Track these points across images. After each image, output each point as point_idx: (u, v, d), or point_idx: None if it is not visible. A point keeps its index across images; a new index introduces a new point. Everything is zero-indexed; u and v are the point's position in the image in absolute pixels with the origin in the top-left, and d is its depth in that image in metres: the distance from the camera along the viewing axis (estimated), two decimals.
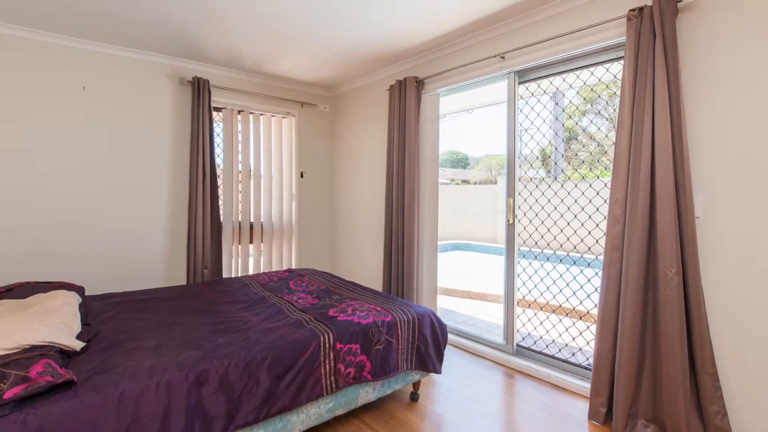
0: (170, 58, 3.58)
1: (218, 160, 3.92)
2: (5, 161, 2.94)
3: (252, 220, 4.18)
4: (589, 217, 2.93)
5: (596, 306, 2.31)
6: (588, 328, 3.22)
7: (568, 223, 3.06)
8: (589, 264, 3.04)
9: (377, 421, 2.18)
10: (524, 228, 3.20)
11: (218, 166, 3.89)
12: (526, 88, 2.97)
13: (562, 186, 3.35)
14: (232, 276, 3.98)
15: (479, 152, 17.09)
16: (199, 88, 3.60)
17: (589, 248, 3.06)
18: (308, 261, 4.61)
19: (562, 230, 3.11)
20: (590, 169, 6.95)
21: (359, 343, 2.06)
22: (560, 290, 3.30)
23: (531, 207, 3.22)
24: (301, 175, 4.55)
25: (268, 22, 2.83)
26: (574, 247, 3.14)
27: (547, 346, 2.96)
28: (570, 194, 3.14)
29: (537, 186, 3.36)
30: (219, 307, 2.46)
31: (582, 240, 3.07)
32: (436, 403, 2.40)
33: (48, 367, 1.41)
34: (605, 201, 2.48)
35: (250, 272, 4.23)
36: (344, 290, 2.79)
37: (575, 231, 3.04)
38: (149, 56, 3.48)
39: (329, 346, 1.95)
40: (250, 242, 4.19)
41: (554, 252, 3.24)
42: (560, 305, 3.89)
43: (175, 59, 3.61)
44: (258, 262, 4.27)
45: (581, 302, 3.07)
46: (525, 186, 3.23)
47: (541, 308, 4.02)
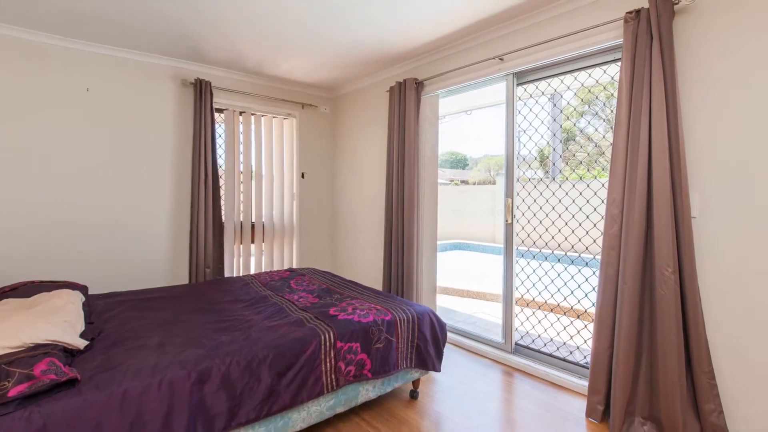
0: (173, 60, 3.58)
1: (220, 161, 3.92)
2: (12, 162, 2.94)
3: (253, 220, 4.18)
4: (587, 217, 2.93)
5: (594, 305, 2.31)
6: (585, 326, 3.22)
7: (566, 223, 3.06)
8: (587, 263, 3.04)
9: (377, 419, 2.18)
10: (522, 228, 3.20)
11: (220, 166, 3.89)
12: (525, 90, 2.98)
13: (560, 186, 3.35)
14: (234, 275, 3.98)
15: (478, 153, 17.11)
16: (201, 89, 3.60)
17: (587, 248, 3.05)
18: (309, 260, 4.61)
19: (560, 230, 3.11)
20: (588, 170, 6.95)
21: (359, 341, 2.06)
22: (558, 289, 3.30)
23: (529, 207, 3.22)
24: (302, 176, 4.55)
25: (269, 24, 2.83)
26: (572, 247, 3.14)
27: (545, 345, 2.96)
28: (568, 194, 3.14)
29: (535, 186, 3.36)
30: (221, 306, 2.46)
31: (579, 240, 3.07)
32: (435, 400, 2.40)
33: (52, 365, 1.41)
34: (602, 201, 2.48)
35: (252, 271, 4.23)
36: (345, 289, 2.79)
37: (573, 231, 3.04)
38: (152, 58, 3.48)
39: (330, 345, 1.95)
40: (252, 242, 4.19)
41: (552, 251, 3.24)
42: (558, 304, 3.90)
43: (178, 61, 3.61)
44: (259, 262, 4.27)
45: (579, 301, 3.07)
46: (523, 186, 3.23)
47: (539, 307, 4.02)
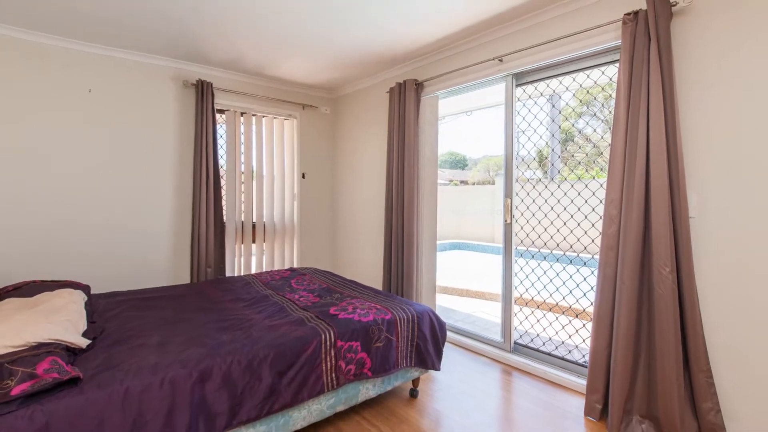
0: (174, 61, 3.58)
1: (221, 161, 3.92)
2: (14, 162, 2.94)
3: (254, 220, 4.18)
4: (585, 217, 2.93)
5: (592, 304, 2.31)
6: (584, 325, 3.22)
7: (565, 223, 3.06)
8: (585, 263, 3.04)
9: (377, 417, 2.18)
10: (521, 228, 3.20)
11: (221, 167, 3.89)
12: (524, 91, 2.97)
13: (559, 186, 3.35)
14: (235, 275, 3.99)
15: (477, 153, 17.10)
16: (203, 90, 3.60)
17: (585, 247, 3.06)
18: (310, 260, 4.61)
19: (558, 230, 3.11)
20: (586, 170, 6.94)
21: (360, 340, 2.06)
22: (557, 289, 3.30)
23: (528, 207, 3.22)
24: (303, 176, 4.55)
25: (270, 25, 2.83)
26: (571, 247, 3.14)
27: (543, 344, 2.96)
28: (566, 194, 3.14)
29: (534, 186, 3.36)
30: (222, 306, 2.46)
31: (578, 239, 3.06)
32: (435, 399, 2.40)
33: (54, 364, 1.41)
34: (601, 201, 2.47)
35: (253, 271, 4.23)
36: (345, 289, 2.79)
37: (571, 231, 3.04)
38: (154, 59, 3.48)
39: (330, 344, 1.95)
40: (253, 242, 4.19)
41: (551, 251, 3.23)
42: (557, 303, 3.89)
43: (179, 62, 3.60)
44: (260, 261, 4.27)
45: (577, 300, 3.06)
46: (522, 186, 3.23)
47: (537, 306, 4.02)
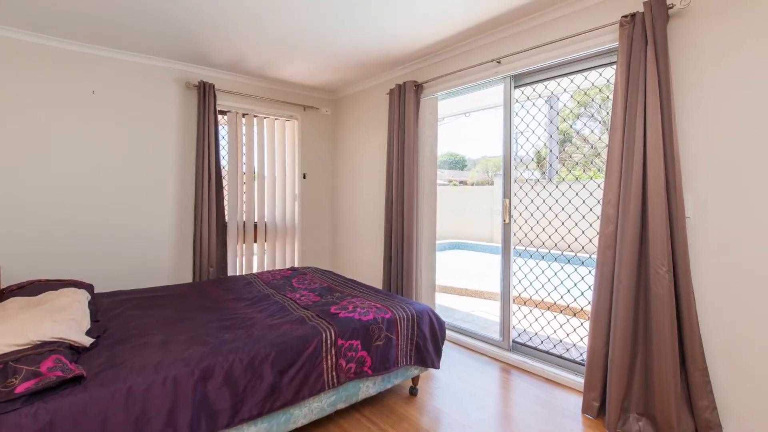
0: (177, 63, 3.58)
1: (223, 162, 3.91)
2: (17, 162, 2.94)
3: (256, 220, 4.18)
4: (583, 217, 2.93)
5: (590, 303, 2.31)
6: (582, 324, 3.22)
7: (563, 223, 3.06)
8: (583, 262, 3.04)
9: (377, 415, 2.18)
10: (520, 228, 3.20)
11: (223, 167, 3.89)
12: (522, 92, 2.97)
13: (557, 187, 3.35)
14: (237, 274, 3.98)
15: (476, 154, 17.09)
16: (205, 92, 3.60)
17: (583, 247, 3.06)
18: (310, 260, 4.61)
19: (556, 230, 3.11)
20: (584, 171, 6.94)
21: (360, 339, 2.06)
22: (555, 288, 3.30)
23: (526, 207, 3.23)
24: (304, 177, 4.54)
25: (271, 28, 2.83)
26: (568, 246, 3.14)
27: (542, 342, 2.96)
28: (564, 195, 3.14)
29: (532, 187, 3.36)
30: (224, 305, 2.46)
31: (576, 239, 3.06)
32: (434, 397, 2.40)
33: (58, 362, 1.41)
34: (598, 201, 2.48)
35: (255, 270, 4.23)
36: (345, 288, 2.79)
37: (569, 230, 3.04)
38: (157, 61, 3.48)
39: (331, 342, 1.95)
40: (255, 241, 4.19)
41: (549, 251, 3.24)
42: (555, 302, 3.89)
43: (182, 64, 3.60)
44: (262, 261, 4.27)
45: (575, 299, 3.07)
46: (521, 187, 3.23)
47: (536, 305, 4.02)
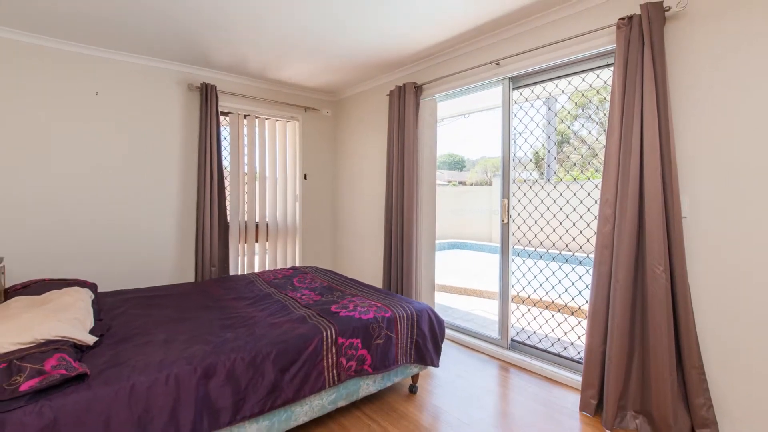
0: (179, 65, 3.58)
1: (225, 163, 3.92)
2: (23, 164, 2.94)
3: (258, 220, 4.18)
4: (581, 217, 2.93)
5: (587, 302, 2.31)
6: (579, 323, 3.22)
7: (560, 223, 3.06)
8: (580, 262, 3.04)
9: (378, 413, 2.18)
10: (518, 227, 3.20)
11: (225, 168, 3.89)
12: (520, 94, 2.97)
13: (555, 187, 3.35)
14: (239, 273, 3.98)
15: (475, 155, 17.09)
16: (207, 93, 3.60)
17: (581, 247, 3.05)
18: (311, 259, 4.61)
19: (554, 230, 3.11)
20: (581, 171, 6.94)
21: (360, 337, 2.06)
22: (553, 287, 3.30)
23: (525, 207, 3.23)
24: (305, 177, 4.54)
25: (272, 30, 2.83)
26: (566, 246, 3.14)
27: (540, 341, 2.96)
28: (562, 195, 3.14)
29: (530, 187, 3.36)
30: (226, 304, 2.46)
31: (573, 239, 3.06)
32: (434, 395, 2.40)
33: (62, 360, 1.41)
34: (596, 201, 2.48)
35: (256, 270, 4.23)
36: (346, 287, 2.79)
37: (567, 230, 3.04)
38: (159, 63, 3.48)
39: (332, 341, 1.95)
40: (256, 241, 4.19)
41: (547, 250, 3.24)
42: (553, 301, 3.89)
43: (184, 66, 3.60)
44: (263, 260, 4.27)
45: (573, 298, 3.07)
46: (519, 187, 3.24)
47: (534, 304, 4.02)
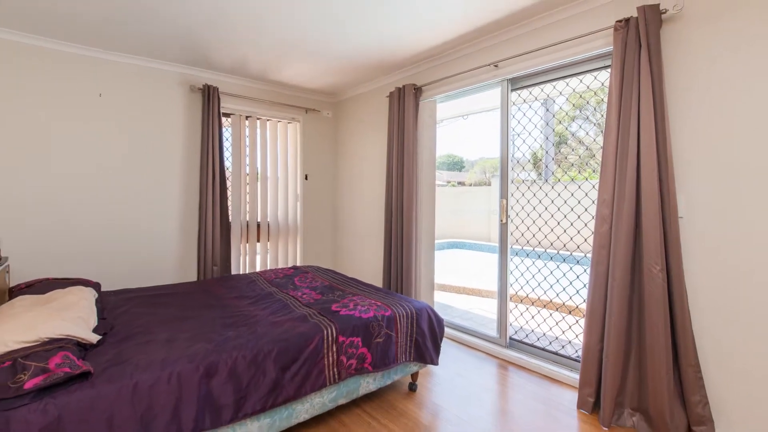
0: (182, 67, 3.58)
1: (227, 163, 3.91)
2: (27, 165, 2.94)
3: (259, 220, 4.18)
4: (578, 216, 2.93)
5: (585, 301, 2.31)
6: (577, 322, 3.22)
7: (558, 223, 3.06)
8: (578, 261, 3.03)
9: (378, 410, 2.18)
10: (516, 227, 3.20)
11: (227, 168, 3.89)
12: (519, 95, 2.97)
13: (553, 187, 3.35)
14: (241, 273, 3.99)
15: (474, 156, 17.10)
16: (209, 95, 3.60)
17: (578, 246, 3.05)
18: (312, 258, 4.61)
19: (552, 229, 3.11)
20: (579, 172, 6.93)
21: (360, 336, 2.06)
22: (551, 286, 3.30)
23: (523, 207, 3.22)
24: (306, 177, 4.54)
25: (273, 32, 2.83)
26: (564, 246, 3.14)
27: (538, 339, 2.96)
28: (560, 195, 3.14)
29: (529, 187, 3.36)
30: (228, 302, 2.46)
31: (571, 239, 3.06)
32: (433, 393, 2.40)
33: (66, 359, 1.41)
34: (593, 202, 2.48)
35: (258, 269, 4.23)
36: (346, 286, 2.79)
37: (565, 230, 3.04)
38: (162, 65, 3.48)
39: (332, 339, 1.95)
40: (258, 241, 4.19)
41: (545, 250, 3.23)
42: (551, 300, 3.89)
43: (187, 68, 3.60)
44: (265, 260, 4.27)
45: (570, 297, 3.07)
46: (517, 187, 3.23)
47: (532, 303, 4.02)
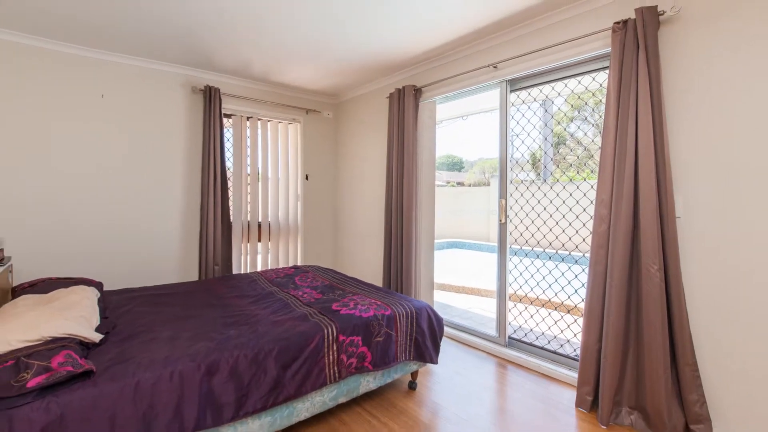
0: (184, 68, 3.58)
1: (228, 164, 3.91)
2: (31, 165, 2.94)
3: (260, 220, 4.18)
4: (577, 217, 2.93)
5: (583, 300, 2.31)
6: (575, 321, 3.22)
7: (557, 223, 3.06)
8: (576, 261, 3.03)
9: (378, 409, 2.18)
10: (515, 227, 3.20)
11: (228, 169, 3.89)
12: (517, 96, 2.97)
13: (551, 188, 3.35)
14: (242, 272, 3.98)
15: (473, 156, 17.10)
16: (211, 96, 3.60)
17: (577, 246, 3.06)
18: (312, 258, 4.61)
19: (551, 229, 3.11)
20: (577, 172, 6.94)
21: (361, 335, 2.06)
22: (549, 286, 3.30)
23: (522, 207, 3.22)
24: (306, 178, 4.54)
25: (274, 32, 2.83)
26: (563, 245, 3.14)
27: (537, 338, 2.96)
28: (558, 195, 3.14)
29: (527, 188, 3.36)
30: (229, 302, 2.46)
31: (570, 238, 3.07)
32: (432, 391, 2.40)
33: (69, 357, 1.42)
34: (591, 202, 2.48)
35: (259, 269, 4.23)
36: (347, 285, 2.79)
37: (563, 230, 3.04)
38: (164, 66, 3.48)
39: (333, 338, 1.95)
40: (259, 240, 4.19)
41: (544, 250, 3.24)
42: (549, 300, 3.89)
43: (188, 69, 3.60)
44: (266, 259, 4.27)
45: (569, 297, 3.07)
46: (516, 188, 3.24)
47: (531, 302, 4.02)
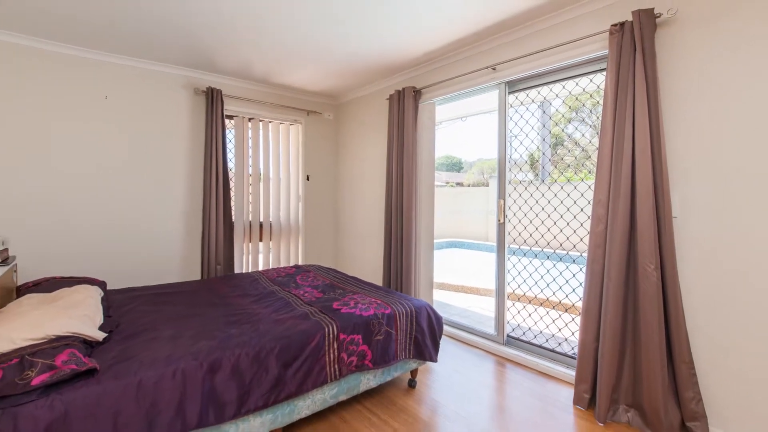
0: (186, 70, 3.58)
1: (230, 165, 3.92)
2: (35, 166, 2.94)
3: (261, 220, 4.18)
4: (574, 217, 2.93)
5: (581, 299, 2.31)
6: (573, 319, 3.22)
7: (555, 223, 3.06)
8: (574, 260, 3.03)
9: (378, 406, 2.18)
10: (514, 227, 3.20)
11: (230, 170, 3.89)
12: (516, 98, 2.97)
13: (549, 188, 3.35)
14: (243, 271, 3.98)
15: (472, 157, 17.08)
16: (213, 97, 3.60)
17: (574, 246, 3.06)
18: (313, 258, 4.61)
19: (549, 229, 3.11)
20: (575, 173, 6.93)
21: (361, 333, 2.06)
22: (547, 285, 3.30)
23: (520, 207, 3.22)
24: (307, 178, 4.54)
25: (274, 32, 2.83)
26: (560, 245, 3.14)
27: (535, 337, 2.96)
28: (556, 195, 3.14)
29: (526, 188, 3.36)
30: (231, 301, 2.46)
31: (567, 238, 3.06)
32: (432, 389, 2.40)
33: (72, 356, 1.42)
34: (589, 202, 2.48)
35: (260, 268, 4.23)
36: (347, 285, 2.79)
37: (561, 230, 3.04)
38: (167, 68, 3.48)
39: (333, 337, 1.95)
40: (260, 240, 4.19)
41: (542, 249, 3.23)
42: (547, 299, 3.89)
43: (191, 71, 3.60)
44: (267, 259, 4.27)
45: (567, 296, 3.07)
46: (515, 188, 3.23)
47: (529, 301, 4.01)
